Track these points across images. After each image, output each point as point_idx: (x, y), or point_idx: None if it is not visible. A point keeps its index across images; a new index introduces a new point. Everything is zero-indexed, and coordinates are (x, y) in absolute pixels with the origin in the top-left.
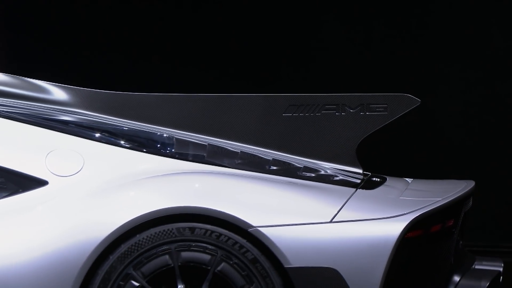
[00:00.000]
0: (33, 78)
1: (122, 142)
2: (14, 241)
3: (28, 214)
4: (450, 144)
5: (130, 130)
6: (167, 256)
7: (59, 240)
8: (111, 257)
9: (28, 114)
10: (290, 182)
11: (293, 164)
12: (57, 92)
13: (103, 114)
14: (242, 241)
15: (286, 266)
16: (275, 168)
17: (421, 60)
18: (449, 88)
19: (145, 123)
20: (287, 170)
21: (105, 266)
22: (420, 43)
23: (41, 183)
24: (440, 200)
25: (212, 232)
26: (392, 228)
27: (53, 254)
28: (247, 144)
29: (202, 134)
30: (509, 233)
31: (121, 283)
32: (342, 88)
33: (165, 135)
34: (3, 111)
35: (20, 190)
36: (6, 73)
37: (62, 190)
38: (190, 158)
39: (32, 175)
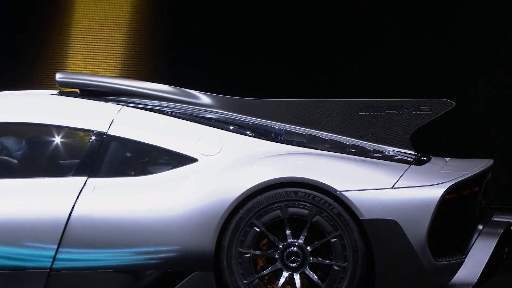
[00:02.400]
0: (188, 88)
1: (248, 132)
2: (176, 199)
3: (185, 181)
4: (477, 133)
5: (253, 124)
6: (278, 211)
7: (206, 199)
8: (240, 211)
9: (185, 113)
10: (363, 160)
11: (366, 147)
12: (204, 98)
13: (235, 113)
14: (330, 200)
15: (361, 218)
16: (353, 150)
17: (455, 69)
18: (475, 91)
19: (263, 119)
20: (361, 152)
21: (236, 217)
22: (455, 55)
23: (193, 160)
24: (469, 173)
25: (310, 194)
26: (435, 192)
27: (201, 208)
28: (333, 133)
29: (302, 127)
30: None
31: (247, 229)
32: (396, 92)
33: (277, 127)
34: (169, 111)
35: (179, 165)
36: (170, 85)
37: (207, 165)
38: (294, 144)
39: (187, 155)
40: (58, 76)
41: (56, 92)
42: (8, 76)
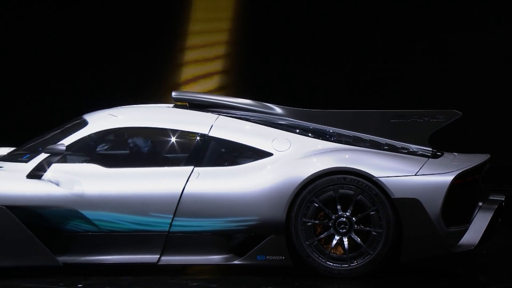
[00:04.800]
0: (266, 102)
1: (309, 134)
2: (258, 183)
3: (263, 169)
4: (478, 134)
5: (313, 128)
6: (331, 192)
7: (279, 182)
8: (304, 192)
9: (264, 120)
10: (394, 154)
11: (396, 145)
12: (277, 109)
13: (299, 120)
14: (370, 184)
15: (392, 197)
16: (386, 147)
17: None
18: (478, 103)
19: (321, 124)
20: (392, 148)
21: (301, 196)
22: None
23: (269, 154)
24: (472, 164)
25: (355, 179)
26: (447, 178)
27: (276, 189)
28: (372, 135)
29: (350, 130)
30: (507, 180)
31: (309, 204)
32: (417, 103)
33: (330, 130)
34: (252, 119)
35: (259, 158)
36: (252, 99)
37: (280, 158)
38: (343, 142)
39: (265, 150)
40: (174, 94)
41: (172, 105)
42: (137, 93)
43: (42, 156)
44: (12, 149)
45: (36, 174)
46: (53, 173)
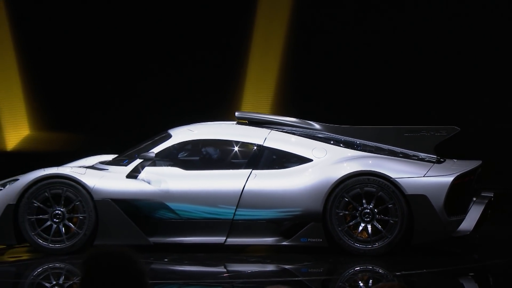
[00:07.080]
0: (305, 119)
1: (341, 145)
2: (301, 182)
3: (305, 172)
4: (471, 145)
5: (343, 140)
6: (358, 189)
7: (317, 181)
8: (336, 189)
9: (305, 134)
10: (407, 160)
11: (408, 153)
12: (315, 125)
13: (334, 134)
14: (388, 184)
15: (406, 193)
16: (401, 155)
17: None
18: (473, 117)
19: (350, 137)
20: (406, 155)
21: (335, 192)
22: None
23: (310, 160)
24: (467, 168)
25: (376, 180)
26: (448, 179)
27: (315, 187)
28: (389, 145)
29: (373, 142)
30: (496, 181)
31: (340, 199)
32: (425, 119)
33: (357, 142)
34: (297, 132)
35: (302, 163)
36: (296, 117)
37: (318, 163)
38: (367, 151)
39: (307, 157)
40: (237, 114)
41: (235, 122)
42: (209, 112)
43: (137, 161)
44: (114, 156)
45: (133, 174)
46: (146, 174)
